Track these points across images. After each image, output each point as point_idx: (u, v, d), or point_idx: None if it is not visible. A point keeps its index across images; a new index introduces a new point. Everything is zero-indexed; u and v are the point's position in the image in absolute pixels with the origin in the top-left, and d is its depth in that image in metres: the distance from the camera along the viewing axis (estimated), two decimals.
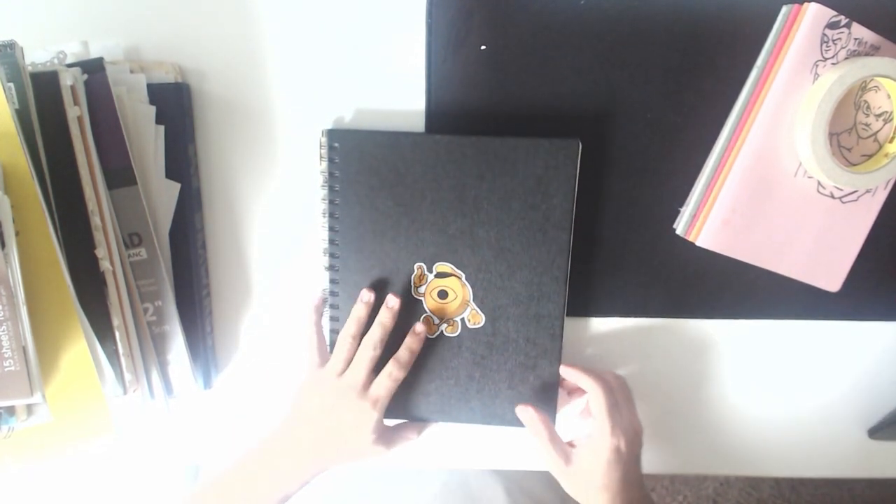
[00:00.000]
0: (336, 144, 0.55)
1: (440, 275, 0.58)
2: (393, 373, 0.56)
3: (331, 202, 0.57)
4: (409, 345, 0.57)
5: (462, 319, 0.59)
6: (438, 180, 0.56)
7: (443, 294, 0.59)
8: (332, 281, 0.59)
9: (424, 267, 0.58)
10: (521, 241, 0.57)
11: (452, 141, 0.55)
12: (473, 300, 0.58)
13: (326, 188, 0.57)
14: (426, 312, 0.59)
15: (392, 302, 0.57)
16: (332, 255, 0.58)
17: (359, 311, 0.57)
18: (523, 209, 0.56)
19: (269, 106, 0.58)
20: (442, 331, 0.59)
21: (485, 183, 0.56)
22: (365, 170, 0.56)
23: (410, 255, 0.58)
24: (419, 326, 0.58)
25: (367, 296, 0.57)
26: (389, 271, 0.58)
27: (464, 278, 0.58)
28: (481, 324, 0.59)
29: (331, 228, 0.57)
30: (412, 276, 0.58)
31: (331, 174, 0.56)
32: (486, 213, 0.56)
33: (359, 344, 0.56)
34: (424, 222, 0.57)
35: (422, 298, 0.59)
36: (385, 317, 0.57)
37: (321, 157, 0.56)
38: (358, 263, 0.58)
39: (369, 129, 0.57)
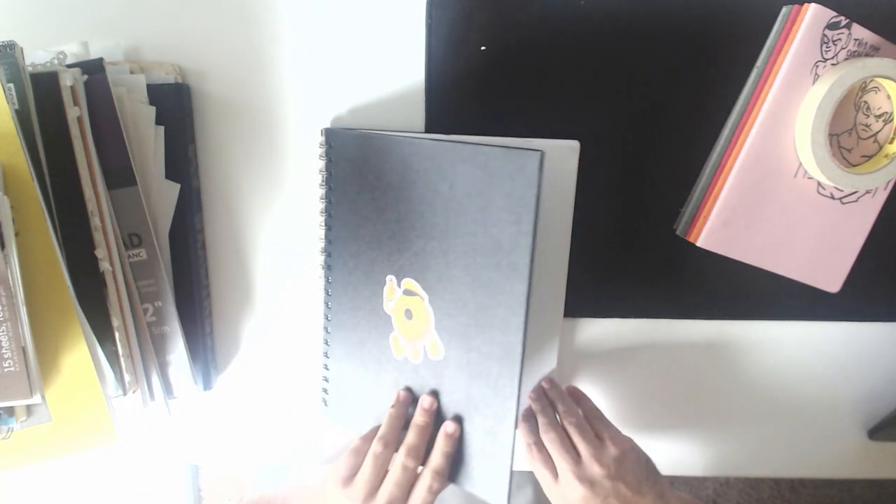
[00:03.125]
0: (332, 144, 0.55)
1: (407, 292, 0.53)
2: (433, 486, 0.51)
3: (327, 201, 0.57)
4: (444, 449, 0.52)
5: (424, 347, 0.53)
6: (409, 187, 0.50)
7: (408, 314, 0.54)
8: (325, 279, 0.59)
9: (395, 281, 0.54)
10: (481, 273, 0.48)
11: (422, 144, 0.49)
12: (435, 328, 0.52)
13: (324, 188, 0.57)
14: (393, 330, 0.55)
15: (427, 403, 0.53)
16: (327, 255, 0.58)
17: (390, 422, 0.53)
18: (491, 231, 0.47)
19: (269, 106, 0.58)
20: (406, 355, 0.55)
21: (455, 193, 0.48)
22: (352, 171, 0.54)
23: (384, 266, 0.54)
24: (451, 426, 0.52)
25: (401, 398, 0.54)
26: (368, 280, 0.56)
27: (426, 301, 0.52)
28: (440, 357, 0.52)
29: (327, 227, 0.57)
30: (384, 289, 0.55)
31: (328, 173, 0.56)
32: (454, 229, 0.49)
33: (383, 454, 0.51)
34: (395, 232, 0.52)
35: (391, 315, 0.55)
36: (420, 420, 0.52)
37: (320, 156, 0.56)
38: (346, 265, 0.57)
39: (367, 128, 0.57)
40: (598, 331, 0.63)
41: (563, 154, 0.55)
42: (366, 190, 0.54)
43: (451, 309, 0.51)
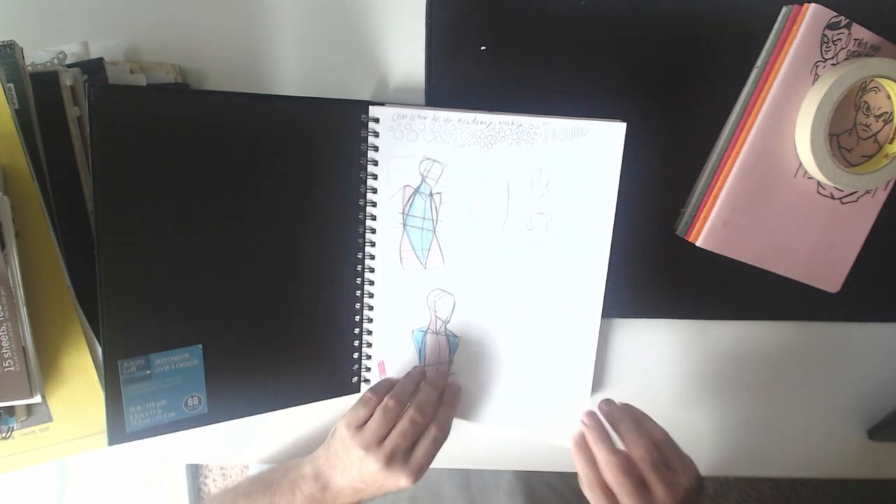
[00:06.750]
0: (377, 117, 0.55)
1: None
2: (438, 439, 0.53)
3: (372, 179, 0.56)
4: (451, 404, 0.57)
5: None
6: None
7: None
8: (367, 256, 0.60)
9: None
10: None
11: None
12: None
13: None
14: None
15: (443, 369, 0.59)
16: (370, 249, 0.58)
17: (406, 383, 0.57)
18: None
19: None
20: None
21: None
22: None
23: None
24: (457, 384, 0.59)
25: (417, 373, 0.59)
26: None
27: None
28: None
29: (370, 231, 0.57)
30: None
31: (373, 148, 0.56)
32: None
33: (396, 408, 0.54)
34: None
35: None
36: (435, 380, 0.57)
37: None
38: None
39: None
40: (599, 331, 0.63)
41: (611, 136, 0.54)
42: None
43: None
